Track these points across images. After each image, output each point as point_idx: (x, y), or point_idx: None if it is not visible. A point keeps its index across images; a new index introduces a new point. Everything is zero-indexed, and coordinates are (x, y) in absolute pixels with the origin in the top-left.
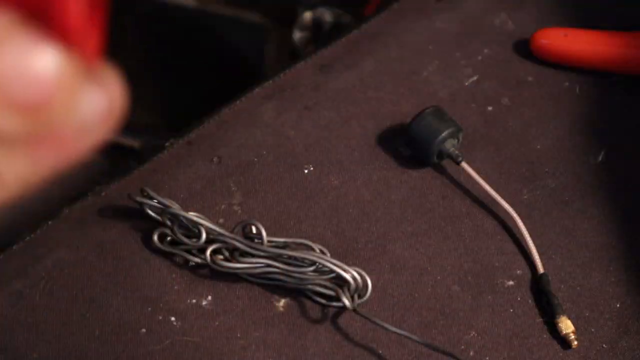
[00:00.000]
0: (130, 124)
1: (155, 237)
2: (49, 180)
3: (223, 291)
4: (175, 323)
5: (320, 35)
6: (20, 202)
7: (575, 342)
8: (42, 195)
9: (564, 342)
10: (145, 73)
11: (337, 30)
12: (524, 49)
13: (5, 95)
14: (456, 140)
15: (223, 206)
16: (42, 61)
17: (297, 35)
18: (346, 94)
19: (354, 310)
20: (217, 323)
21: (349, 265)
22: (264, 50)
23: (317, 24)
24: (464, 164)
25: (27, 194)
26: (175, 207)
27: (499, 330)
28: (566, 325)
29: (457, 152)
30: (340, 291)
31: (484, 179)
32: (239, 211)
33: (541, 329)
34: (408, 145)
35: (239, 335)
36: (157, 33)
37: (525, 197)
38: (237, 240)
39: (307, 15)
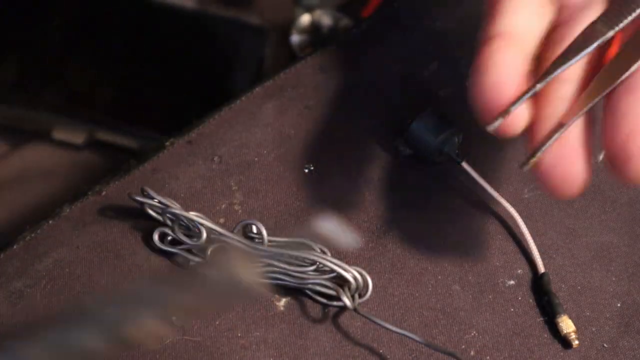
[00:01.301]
0: (130, 124)
1: (156, 237)
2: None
3: None
4: (175, 322)
5: (319, 39)
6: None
7: (576, 342)
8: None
9: (564, 341)
10: (144, 73)
11: (335, 33)
12: None
13: None
14: (456, 140)
15: (223, 206)
16: None
17: (295, 38)
18: (346, 93)
19: (355, 309)
20: (217, 322)
21: (349, 264)
22: (263, 53)
23: (315, 27)
24: (464, 164)
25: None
26: (176, 207)
27: (500, 330)
28: (567, 325)
29: (457, 152)
30: (340, 291)
31: (484, 178)
32: (240, 211)
33: (542, 329)
34: (408, 145)
35: (239, 334)
36: (155, 35)
37: (525, 196)
38: (238, 240)
39: (305, 18)
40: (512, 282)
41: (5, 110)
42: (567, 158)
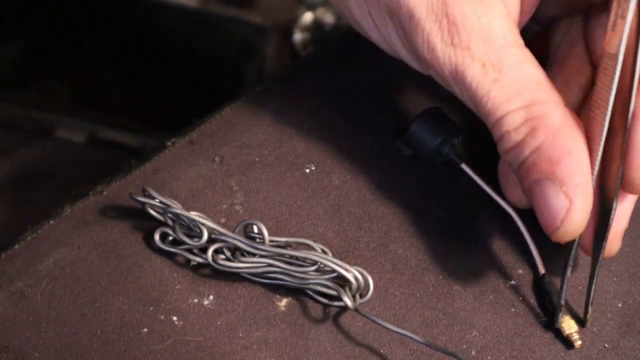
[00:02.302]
0: (131, 124)
1: (157, 237)
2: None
3: (225, 291)
4: (177, 323)
5: (321, 36)
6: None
7: (579, 342)
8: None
9: (566, 341)
10: (146, 73)
11: (337, 31)
12: None
13: None
14: (456, 141)
15: (224, 206)
16: None
17: (298, 36)
18: (347, 93)
19: (356, 309)
20: (218, 322)
21: (350, 264)
22: (265, 51)
23: (317, 25)
24: (464, 166)
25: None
26: (177, 207)
27: (501, 330)
28: (569, 326)
29: (457, 153)
30: (341, 291)
31: (484, 180)
32: (241, 211)
33: (543, 329)
34: (409, 145)
35: (240, 334)
36: (158, 33)
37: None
38: (239, 240)
39: (308, 16)
40: (513, 282)
41: (7, 109)
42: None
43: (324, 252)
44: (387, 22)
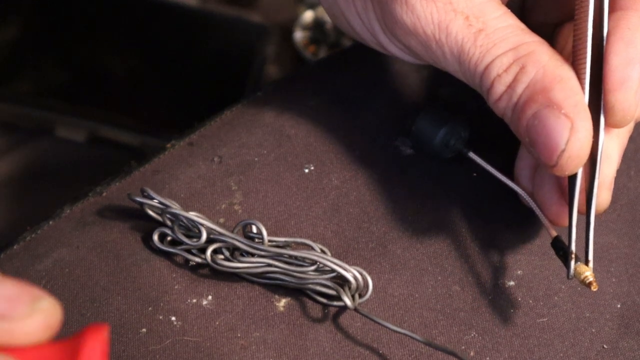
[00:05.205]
0: (131, 125)
1: (156, 237)
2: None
3: (223, 291)
4: (175, 323)
5: (322, 35)
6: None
7: (595, 284)
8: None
9: (566, 339)
10: (145, 72)
11: (338, 29)
12: None
13: None
14: (463, 134)
15: (223, 206)
16: None
17: (298, 35)
18: (347, 93)
19: (355, 309)
20: (217, 323)
21: (349, 265)
22: (265, 50)
23: (318, 23)
24: (471, 154)
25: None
26: (176, 207)
27: (500, 331)
28: (582, 269)
29: (463, 144)
30: (341, 290)
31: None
32: (240, 211)
33: (542, 329)
34: (412, 141)
35: (239, 335)
36: (158, 33)
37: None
38: (238, 240)
39: (308, 15)
40: (512, 282)
41: (5, 107)
42: None
43: (323, 252)
44: (367, 5)
